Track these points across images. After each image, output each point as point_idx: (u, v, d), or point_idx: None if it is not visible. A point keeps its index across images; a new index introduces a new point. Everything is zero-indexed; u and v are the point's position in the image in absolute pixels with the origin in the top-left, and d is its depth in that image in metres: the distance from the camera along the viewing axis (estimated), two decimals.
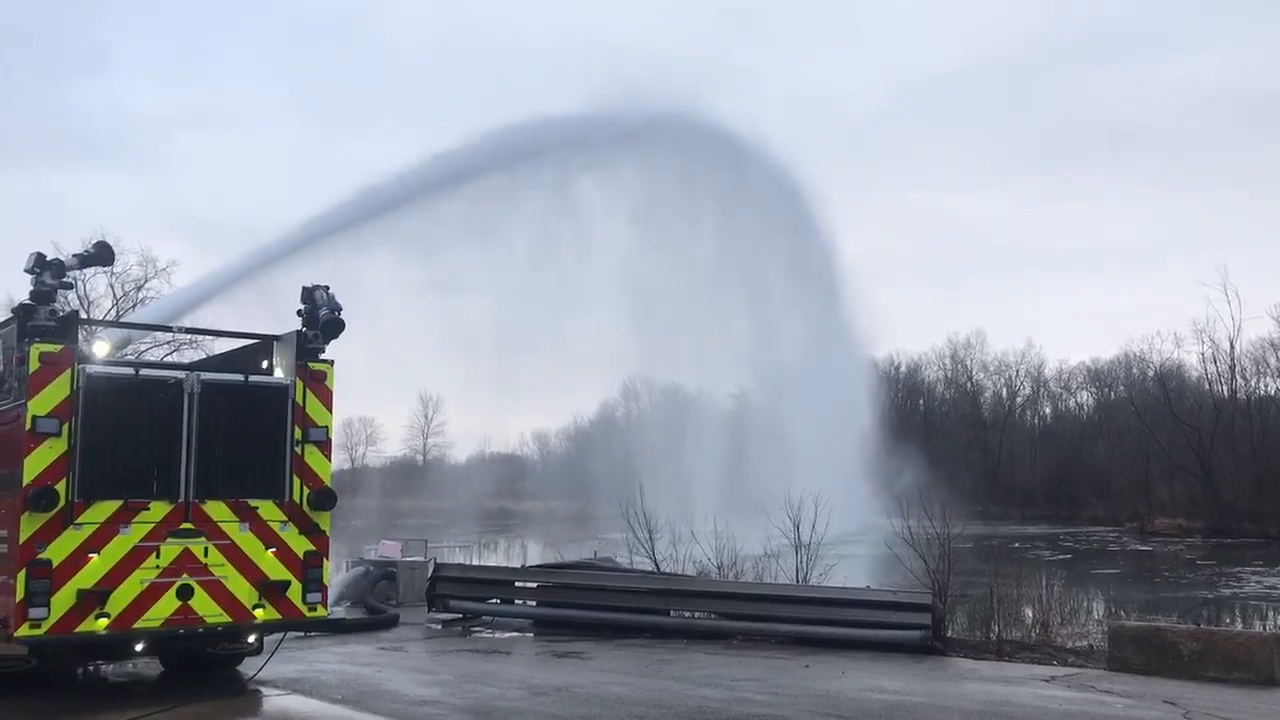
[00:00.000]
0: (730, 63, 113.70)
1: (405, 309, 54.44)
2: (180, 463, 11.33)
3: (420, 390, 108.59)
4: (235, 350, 13.63)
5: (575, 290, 62.12)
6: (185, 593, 11.17)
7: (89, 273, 42.38)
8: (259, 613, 11.60)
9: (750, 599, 17.53)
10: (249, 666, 12.87)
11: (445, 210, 52.16)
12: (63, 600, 10.53)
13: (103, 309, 49.90)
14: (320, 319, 12.30)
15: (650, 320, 64.42)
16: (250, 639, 12.44)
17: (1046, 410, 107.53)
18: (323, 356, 12.41)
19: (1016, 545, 55.73)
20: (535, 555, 43.99)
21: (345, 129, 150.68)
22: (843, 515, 25.86)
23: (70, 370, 10.83)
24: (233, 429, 11.71)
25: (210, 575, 11.36)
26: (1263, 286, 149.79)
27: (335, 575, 19.24)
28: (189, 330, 19.86)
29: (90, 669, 13.26)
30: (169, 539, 11.16)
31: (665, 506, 23.22)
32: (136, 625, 10.94)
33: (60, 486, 10.62)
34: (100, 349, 12.75)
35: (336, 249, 42.54)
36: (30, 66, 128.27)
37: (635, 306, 63.85)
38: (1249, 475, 73.48)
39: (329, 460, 12.39)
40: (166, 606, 11.07)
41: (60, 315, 11.06)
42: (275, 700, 12.04)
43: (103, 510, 10.86)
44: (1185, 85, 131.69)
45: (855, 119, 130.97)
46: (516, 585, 20.21)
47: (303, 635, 15.47)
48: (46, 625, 10.44)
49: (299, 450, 12.02)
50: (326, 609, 12.46)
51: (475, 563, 35.00)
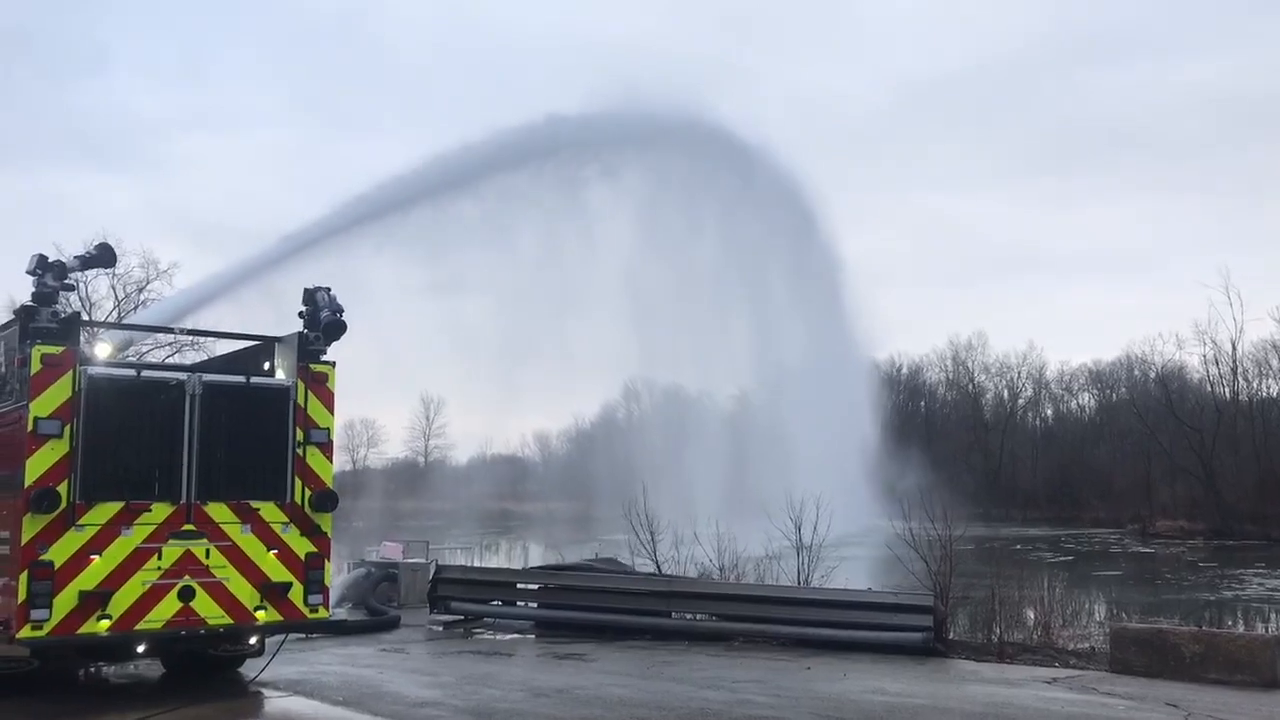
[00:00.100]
0: (730, 63, 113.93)
1: (406, 310, 54.53)
2: (182, 464, 11.34)
3: (421, 392, 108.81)
4: (237, 352, 13.64)
5: (576, 291, 62.23)
6: (187, 594, 11.19)
7: (90, 274, 42.39)
8: (260, 614, 11.61)
9: (752, 601, 17.52)
10: (250, 668, 12.88)
11: (447, 211, 52.27)
12: (65, 602, 10.54)
13: (104, 311, 50.07)
14: (322, 320, 12.32)
15: (651, 321, 64.50)
16: (252, 640, 12.46)
17: (1048, 412, 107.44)
18: (324, 358, 12.42)
19: (1018, 547, 55.71)
20: (536, 557, 43.99)
21: (345, 129, 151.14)
22: (844, 517, 25.79)
23: (72, 372, 10.85)
24: (234, 430, 11.73)
25: (212, 577, 11.37)
26: (1265, 288, 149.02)
27: (337, 577, 19.22)
28: (190, 332, 19.93)
29: (92, 670, 13.26)
30: (171, 540, 11.18)
31: (666, 508, 23.18)
32: (138, 627, 10.96)
33: (62, 488, 10.63)
34: (102, 351, 12.77)
35: (338, 250, 42.58)
36: (31, 67, 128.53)
37: (636, 307, 63.94)
38: (1251, 477, 73.41)
39: (330, 462, 12.41)
40: (168, 608, 11.08)
41: (62, 317, 11.06)
42: (277, 702, 12.05)
43: (104, 512, 10.87)
44: (1186, 86, 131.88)
45: (856, 120, 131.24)
46: (518, 587, 20.22)
47: (304, 637, 15.48)
48: (48, 627, 10.45)
49: (300, 452, 12.04)
50: (328, 611, 12.46)
51: (477, 564, 35.04)
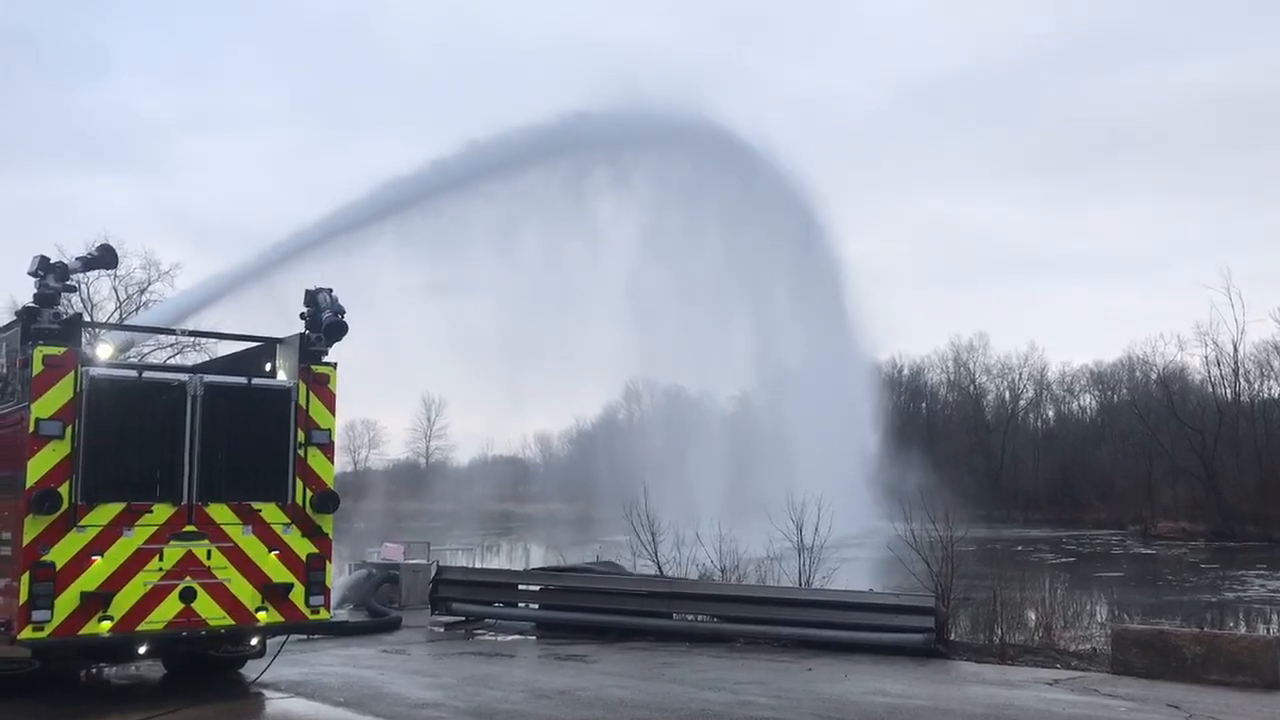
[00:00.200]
0: (730, 64, 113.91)
1: (408, 311, 54.55)
2: (183, 465, 11.35)
3: (423, 393, 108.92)
4: (238, 353, 13.64)
5: (578, 292, 62.22)
6: (188, 595, 11.19)
7: (92, 276, 42.46)
8: (262, 615, 11.61)
9: (753, 602, 17.51)
10: (252, 669, 12.88)
11: (449, 212, 52.28)
12: (66, 603, 10.54)
13: (106, 312, 50.09)
14: (323, 322, 12.33)
15: (653, 323, 64.49)
16: (253, 642, 12.45)
17: (1049, 413, 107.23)
18: (325, 359, 12.42)
19: (1019, 548, 55.66)
20: (538, 558, 43.97)
21: (346, 130, 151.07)
22: (845, 518, 25.79)
23: (73, 373, 10.85)
24: (236, 432, 11.73)
25: (213, 578, 11.37)
26: (1266, 289, 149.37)
27: (338, 578, 19.20)
28: (192, 333, 19.97)
29: (93, 672, 13.26)
30: (172, 542, 11.18)
31: (667, 509, 23.17)
32: (140, 628, 10.96)
33: (63, 489, 10.63)
34: (103, 352, 12.79)
35: (340, 251, 42.61)
36: (32, 69, 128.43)
37: (638, 308, 63.93)
38: (1252, 478, 73.27)
39: (332, 463, 12.41)
40: (169, 609, 11.09)
41: (63, 318, 11.07)
42: (278, 703, 12.06)
43: (106, 513, 10.88)
44: (1187, 87, 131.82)
45: (856, 120, 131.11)
46: (519, 588, 20.22)
47: (305, 638, 15.44)
48: (50, 628, 10.45)
49: (302, 453, 12.04)
50: (329, 612, 12.46)
51: (478, 565, 35.03)
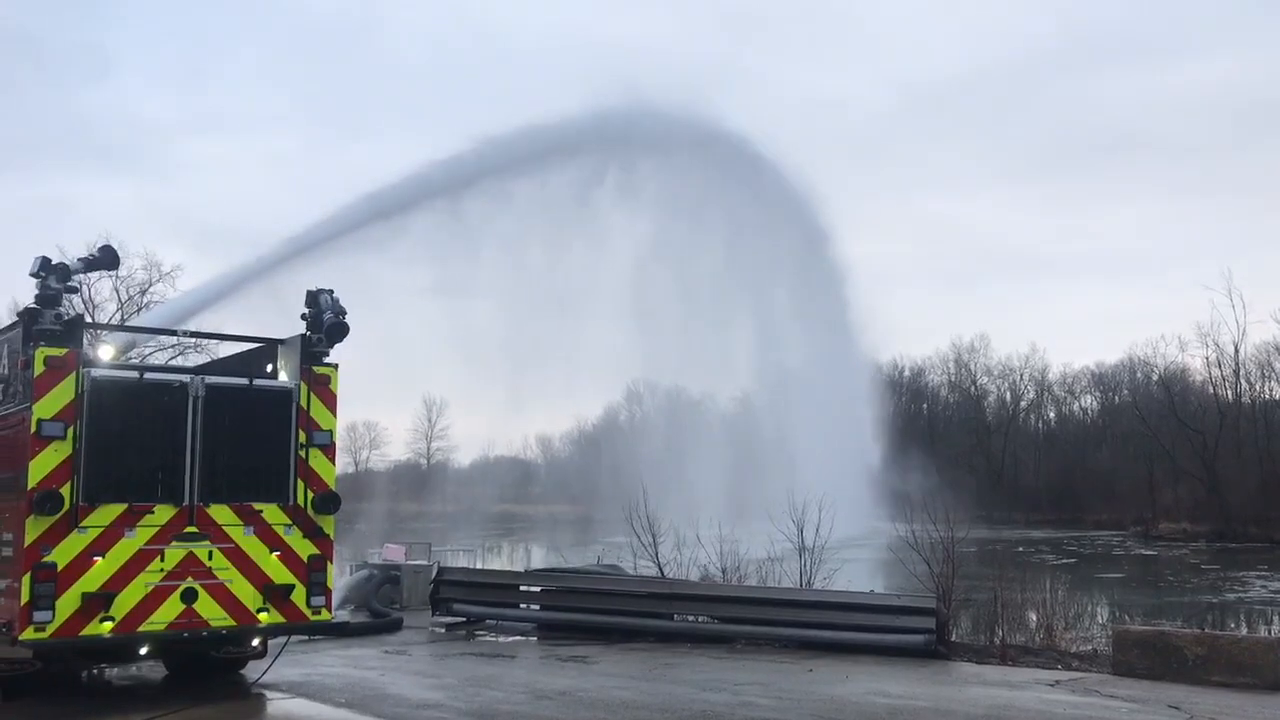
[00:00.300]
0: (730, 66, 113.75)
1: (409, 312, 54.63)
2: (185, 466, 11.35)
3: (424, 394, 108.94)
4: (240, 354, 13.65)
5: (579, 293, 62.28)
6: (190, 596, 11.19)
7: (94, 277, 42.64)
8: (263, 616, 11.61)
9: (754, 603, 17.51)
10: (253, 670, 12.88)
11: (450, 214, 52.32)
12: (67, 603, 10.54)
13: (107, 313, 50.22)
14: (325, 323, 12.32)
15: (654, 324, 64.59)
16: (254, 642, 12.44)
17: (1050, 414, 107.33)
18: (327, 360, 12.42)
19: (1020, 549, 55.62)
20: (539, 559, 43.99)
21: (348, 133, 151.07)
22: (846, 519, 25.76)
23: (75, 374, 10.85)
24: (237, 432, 11.73)
25: (214, 579, 11.38)
26: (1267, 290, 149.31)
27: (339, 579, 19.24)
28: (193, 334, 19.94)
29: (95, 673, 13.26)
30: (173, 542, 11.18)
31: (669, 510, 23.18)
32: (141, 629, 10.96)
33: (65, 490, 10.63)
34: (105, 353, 12.79)
35: (341, 252, 42.66)
36: (36, 72, 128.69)
37: (639, 310, 64.02)
38: (1254, 479, 73.27)
39: (333, 464, 12.42)
40: (171, 610, 11.09)
41: (65, 319, 11.06)
42: (279, 704, 12.07)
43: (107, 514, 10.88)
44: (1189, 89, 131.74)
45: (857, 122, 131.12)
46: (520, 589, 20.24)
47: (306, 639, 15.48)
48: (51, 629, 10.45)
49: (303, 454, 12.04)
50: (330, 613, 12.45)
51: (479, 566, 35.04)
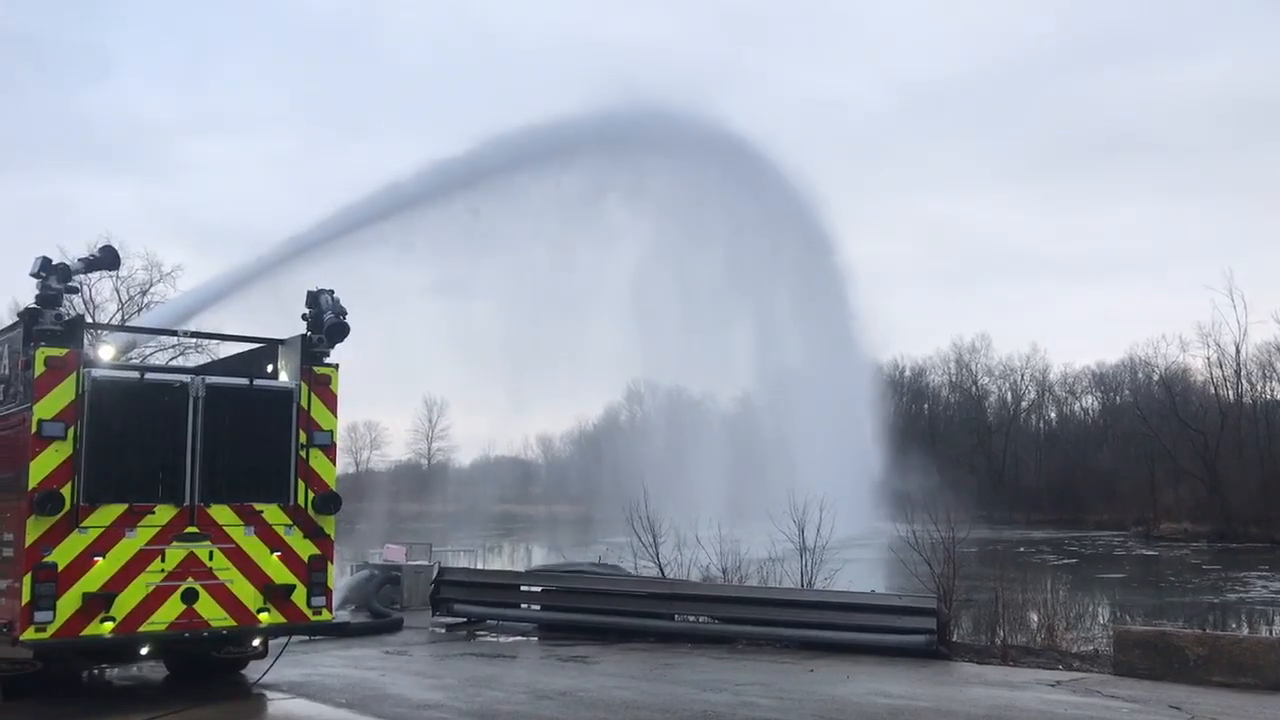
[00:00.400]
0: (730, 66, 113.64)
1: (410, 312, 54.65)
2: (185, 466, 11.35)
3: (425, 394, 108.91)
4: (240, 354, 13.65)
5: (580, 294, 62.29)
6: (190, 596, 11.19)
7: (94, 277, 42.65)
8: (264, 616, 11.61)
9: (755, 603, 17.50)
10: (254, 670, 12.88)
11: (451, 214, 52.32)
12: (68, 604, 10.54)
13: (108, 313, 50.23)
14: (325, 323, 12.32)
15: (655, 324, 64.57)
16: (255, 643, 12.44)
17: (1051, 414, 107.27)
18: (327, 360, 12.42)
19: (1021, 549, 55.60)
20: (540, 559, 43.98)
21: (347, 132, 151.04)
22: (847, 519, 25.76)
23: (76, 374, 10.85)
24: (238, 433, 11.74)
25: (215, 579, 11.37)
26: (1268, 290, 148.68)
27: (340, 579, 19.23)
28: (194, 334, 19.96)
29: (95, 672, 13.26)
30: (174, 543, 11.18)
31: (669, 510, 23.17)
32: (142, 629, 10.96)
33: (66, 490, 10.63)
34: (105, 353, 12.80)
35: (342, 252, 42.69)
36: (36, 72, 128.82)
37: (640, 310, 64.02)
38: (1255, 480, 73.23)
39: (333, 464, 12.42)
40: (171, 610, 11.09)
41: (66, 319, 11.07)
42: (280, 704, 12.07)
43: (108, 514, 10.88)
44: (1189, 89, 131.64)
45: (857, 122, 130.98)
46: (521, 589, 20.24)
47: (307, 639, 15.48)
48: (52, 629, 10.45)
49: (304, 454, 12.04)
50: (331, 613, 12.45)
51: (479, 567, 35.03)
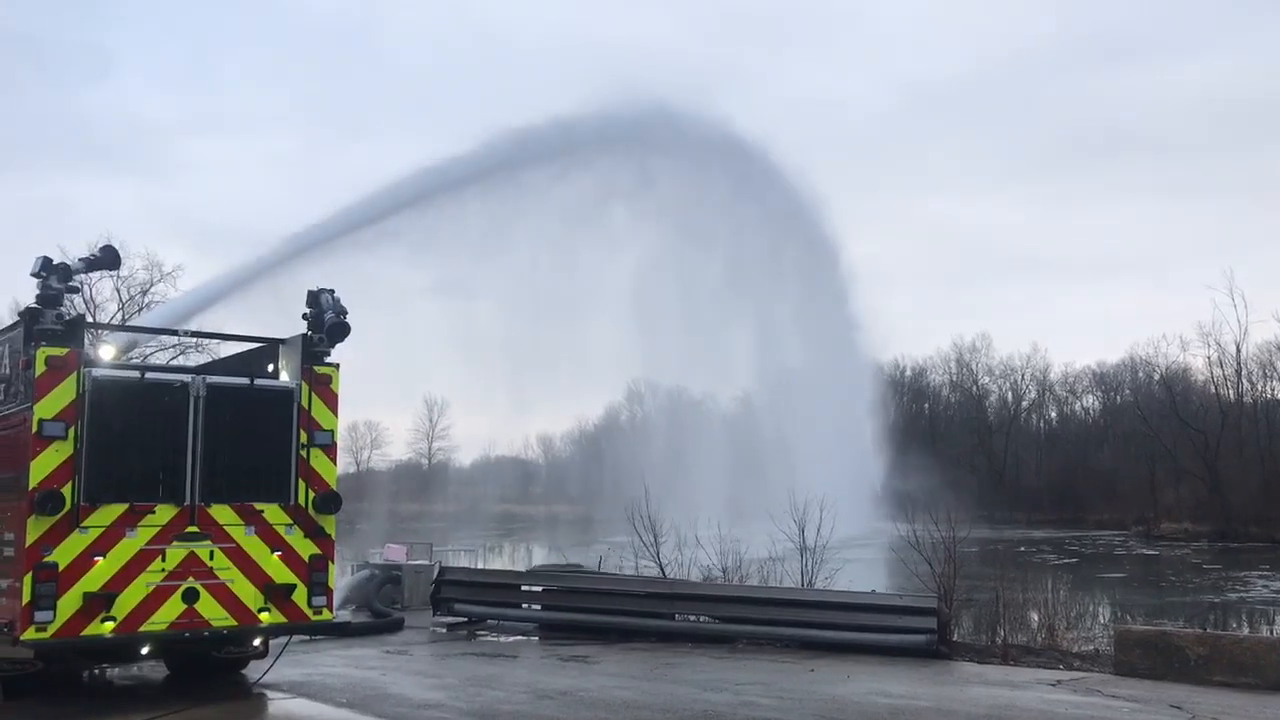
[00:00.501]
0: (731, 65, 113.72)
1: (410, 312, 54.64)
2: (186, 466, 11.34)
3: (425, 394, 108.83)
4: (241, 354, 13.65)
5: (581, 294, 62.34)
6: (191, 596, 11.19)
7: (95, 277, 42.61)
8: (264, 616, 11.61)
9: (755, 603, 17.50)
10: (254, 670, 12.87)
11: (451, 213, 52.33)
12: (69, 604, 10.54)
13: (109, 313, 50.21)
14: (326, 322, 12.31)
15: (655, 324, 64.58)
16: (255, 642, 12.43)
17: (1052, 414, 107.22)
18: (328, 360, 12.42)
19: (1022, 549, 55.60)
20: (540, 559, 43.97)
21: (348, 132, 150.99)
22: (848, 519, 25.77)
23: (76, 374, 10.85)
24: (238, 432, 11.73)
25: (216, 579, 11.37)
26: (1269, 290, 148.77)
27: (340, 579, 19.24)
28: (194, 334, 19.94)
29: (96, 672, 13.26)
30: (175, 542, 11.18)
31: (670, 510, 23.17)
32: (142, 628, 10.95)
33: (66, 490, 10.62)
34: (106, 352, 12.80)
35: (342, 252, 42.70)
36: (37, 73, 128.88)
37: (641, 310, 64.02)
38: (1256, 479, 73.19)
39: (334, 463, 12.41)
40: (172, 610, 11.09)
41: (66, 319, 11.06)
42: (280, 704, 12.07)
43: (109, 514, 10.87)
44: (1190, 88, 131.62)
45: (858, 123, 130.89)
46: (522, 589, 20.24)
47: (308, 639, 15.48)
48: (52, 629, 10.45)
49: (304, 454, 12.04)
50: (332, 612, 12.44)
51: (480, 566, 35.04)
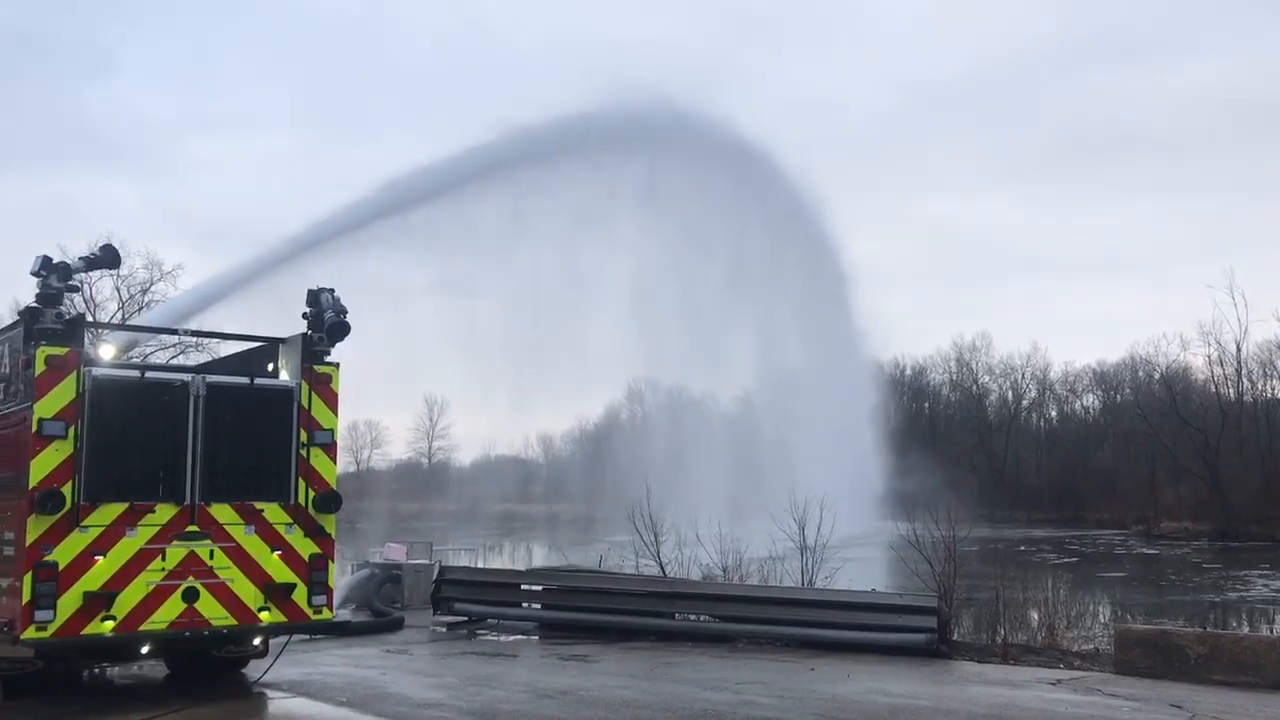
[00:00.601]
0: (732, 66, 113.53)
1: (411, 311, 54.60)
2: (186, 465, 11.34)
3: (425, 393, 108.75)
4: (241, 353, 13.64)
5: (581, 293, 62.27)
6: (191, 595, 11.19)
7: (95, 276, 42.57)
8: (264, 615, 11.61)
9: (755, 602, 17.50)
10: (254, 669, 12.87)
11: (451, 213, 52.31)
12: (69, 603, 10.54)
13: (109, 312, 50.20)
14: (326, 322, 12.30)
15: (656, 323, 64.56)
16: (255, 642, 12.44)
17: (1052, 413, 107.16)
18: (328, 359, 12.41)
19: (1022, 548, 55.62)
20: (540, 559, 44.01)
21: (349, 131, 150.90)
22: (848, 518, 25.74)
23: (76, 373, 10.84)
24: (238, 432, 11.73)
25: (216, 578, 11.37)
26: (1269, 289, 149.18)
27: (340, 578, 19.23)
28: (194, 333, 19.92)
29: (96, 671, 13.26)
30: (175, 542, 11.18)
31: (670, 509, 23.16)
32: (142, 628, 10.95)
33: (66, 489, 10.62)
34: (106, 352, 12.80)
35: (343, 251, 42.69)
36: (37, 71, 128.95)
37: (641, 309, 63.98)
38: (1256, 478, 73.17)
39: (334, 463, 12.41)
40: (172, 609, 11.08)
41: (66, 318, 11.05)
42: (280, 703, 12.07)
43: (109, 513, 10.87)
44: (1190, 88, 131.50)
45: (858, 122, 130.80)
46: (522, 588, 20.24)
47: (308, 638, 15.46)
48: (53, 628, 10.45)
49: (304, 453, 12.03)
50: (332, 612, 12.44)
51: (480, 566, 35.06)
